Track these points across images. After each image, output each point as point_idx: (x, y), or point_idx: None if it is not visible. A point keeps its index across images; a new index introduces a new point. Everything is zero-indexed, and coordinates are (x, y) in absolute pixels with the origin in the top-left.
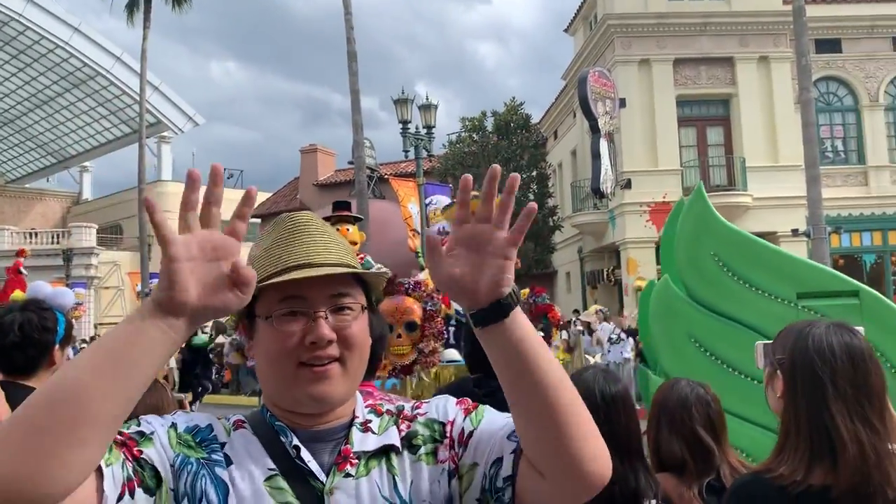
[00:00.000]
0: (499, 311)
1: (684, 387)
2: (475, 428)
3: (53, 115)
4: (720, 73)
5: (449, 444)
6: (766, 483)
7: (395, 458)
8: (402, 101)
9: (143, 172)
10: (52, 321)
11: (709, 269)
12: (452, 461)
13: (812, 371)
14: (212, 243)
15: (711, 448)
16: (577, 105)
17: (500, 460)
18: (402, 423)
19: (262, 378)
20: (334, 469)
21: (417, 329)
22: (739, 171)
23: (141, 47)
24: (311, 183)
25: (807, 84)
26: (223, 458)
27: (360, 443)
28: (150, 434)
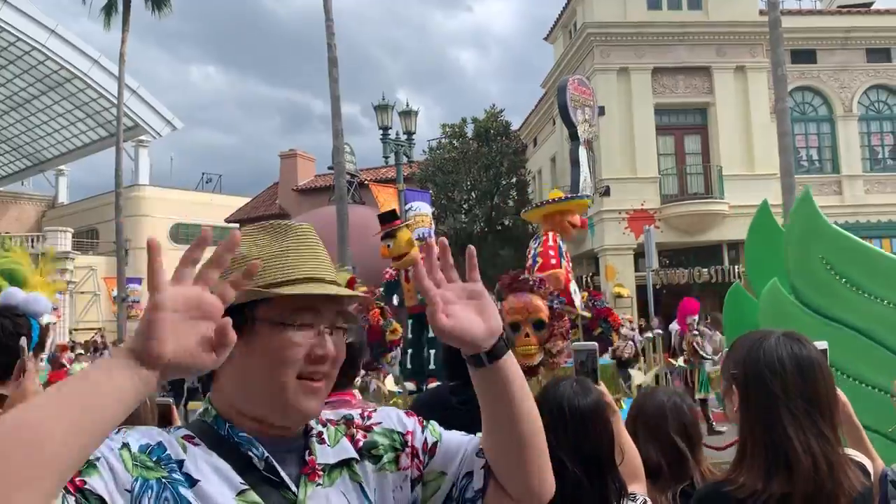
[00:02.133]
0: (503, 346)
1: (662, 395)
2: (438, 439)
3: (29, 118)
4: (698, 83)
5: (411, 452)
6: (726, 495)
7: (356, 466)
8: (382, 107)
9: (120, 177)
10: (25, 328)
11: (818, 273)
12: (417, 469)
13: (763, 385)
14: (199, 301)
15: (686, 454)
16: (556, 112)
17: (471, 474)
18: (358, 432)
19: (245, 383)
20: (304, 479)
21: (545, 328)
22: (716, 179)
23: (119, 50)
24: (290, 188)
25: (782, 94)
26: (184, 479)
27: (321, 454)
28: (95, 460)
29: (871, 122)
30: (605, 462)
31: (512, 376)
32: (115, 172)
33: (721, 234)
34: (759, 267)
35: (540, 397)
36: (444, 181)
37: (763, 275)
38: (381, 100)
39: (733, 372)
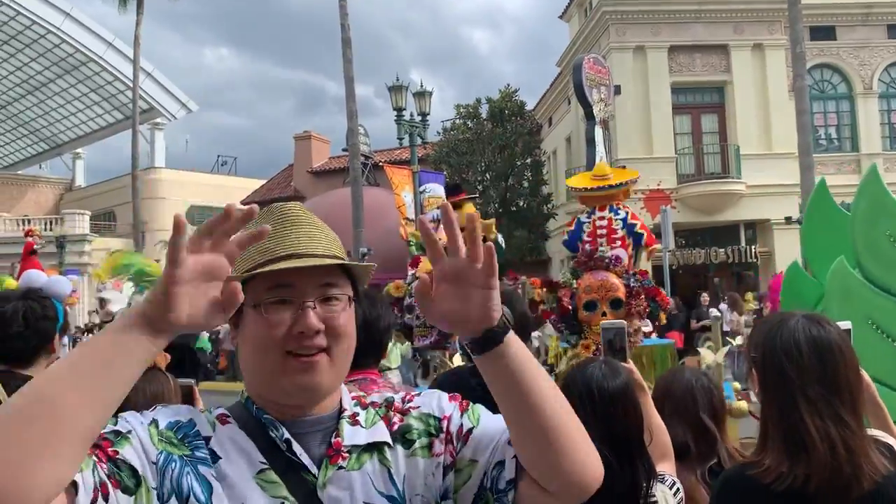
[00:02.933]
0: (491, 338)
1: (689, 375)
2: (474, 426)
3: (46, 101)
4: (715, 61)
5: (446, 438)
6: (752, 478)
7: (387, 451)
8: (396, 88)
9: (136, 159)
10: (52, 310)
11: (885, 250)
12: (450, 455)
13: (781, 370)
14: (209, 265)
15: (714, 433)
16: (571, 92)
17: (503, 463)
18: (395, 415)
19: (247, 367)
20: (326, 462)
21: (622, 307)
22: (733, 158)
23: (134, 33)
24: (305, 170)
25: (801, 71)
26: (208, 455)
27: (350, 436)
28: (127, 433)
29: (892, 99)
30: (635, 444)
31: (518, 361)
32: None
33: (738, 214)
34: (816, 246)
35: (568, 380)
36: (459, 162)
37: (821, 254)
38: (395, 81)
39: (753, 355)
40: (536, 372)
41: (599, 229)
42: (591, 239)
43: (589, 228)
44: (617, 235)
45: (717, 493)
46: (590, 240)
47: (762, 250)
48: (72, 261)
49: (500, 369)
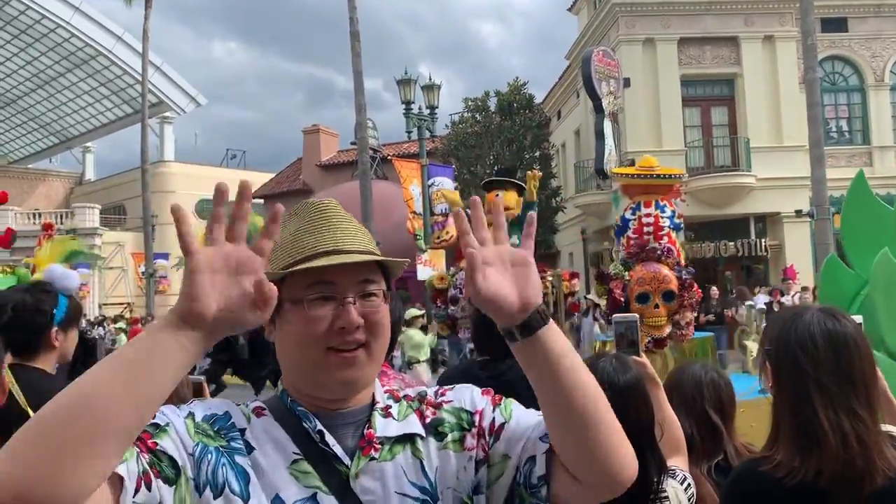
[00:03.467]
0: (534, 323)
1: (699, 369)
2: (507, 421)
3: (55, 96)
4: (725, 53)
5: (478, 432)
6: (764, 473)
7: (420, 443)
8: (405, 81)
9: (145, 153)
10: (47, 303)
11: None
12: (482, 450)
13: (795, 363)
14: (236, 258)
15: (719, 428)
16: (580, 85)
17: (534, 459)
18: (427, 409)
19: (287, 362)
20: (359, 453)
21: (675, 299)
22: (743, 151)
23: (143, 27)
24: (313, 163)
25: (812, 64)
26: (243, 446)
27: (382, 428)
28: (165, 425)
29: None
30: (646, 439)
31: (555, 351)
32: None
33: (748, 207)
34: (855, 238)
35: None
36: (467, 155)
37: (860, 246)
38: (404, 74)
39: (767, 348)
40: (574, 360)
41: (646, 226)
42: (637, 235)
43: (634, 225)
44: (664, 231)
45: (728, 489)
46: (636, 236)
47: (772, 243)
48: None
49: (540, 355)
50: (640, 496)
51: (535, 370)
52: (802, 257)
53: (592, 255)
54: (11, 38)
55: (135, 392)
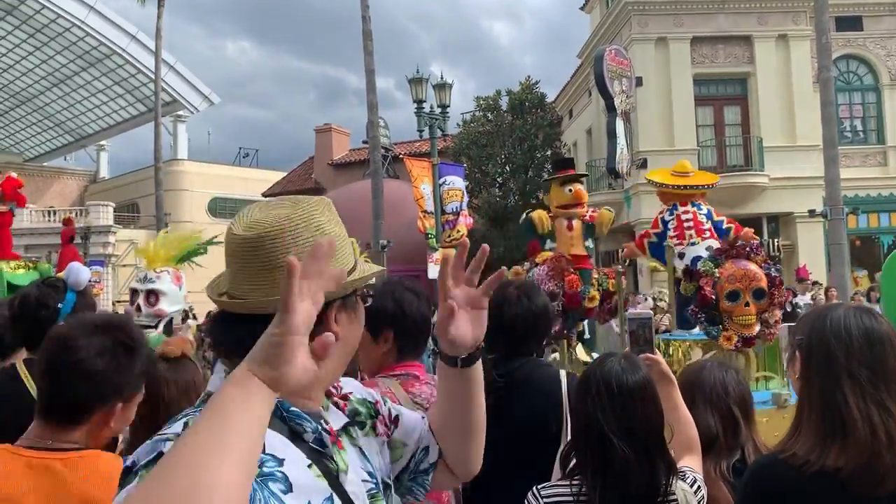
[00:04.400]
0: (478, 355)
1: (717, 367)
2: (399, 413)
3: (70, 94)
4: (738, 52)
5: (382, 420)
6: (784, 465)
7: (353, 431)
8: (416, 80)
9: (159, 151)
10: (52, 298)
11: None
12: (386, 435)
13: (827, 351)
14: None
15: (741, 424)
16: (592, 84)
17: (427, 449)
18: (339, 401)
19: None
20: (335, 447)
21: (765, 297)
22: (756, 151)
23: (156, 26)
24: (325, 162)
25: (826, 63)
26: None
27: (332, 421)
28: None
29: None
30: (654, 440)
31: (476, 378)
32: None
33: (761, 207)
34: None
35: (587, 374)
36: (478, 154)
37: None
38: (416, 73)
39: (799, 338)
40: (482, 380)
41: (686, 223)
42: (677, 233)
43: (674, 224)
44: (705, 227)
45: (746, 480)
46: (676, 233)
47: (785, 244)
48: (96, 252)
49: (468, 380)
50: (648, 498)
51: (459, 391)
52: (815, 258)
53: (604, 255)
54: (27, 38)
55: (245, 474)
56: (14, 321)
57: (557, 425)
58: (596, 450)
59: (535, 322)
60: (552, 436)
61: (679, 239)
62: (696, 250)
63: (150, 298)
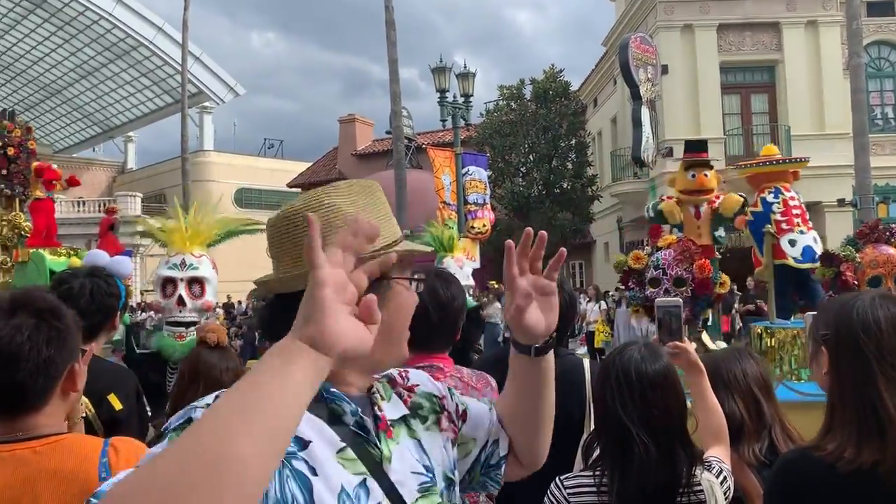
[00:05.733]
0: (551, 343)
1: (731, 351)
2: (466, 407)
3: (98, 86)
4: (766, 39)
5: (447, 416)
6: (815, 460)
7: (413, 423)
8: (439, 69)
9: (185, 142)
10: (116, 288)
11: None
12: (453, 432)
13: (856, 346)
14: (346, 285)
15: (762, 403)
16: (617, 72)
17: (497, 442)
18: (404, 392)
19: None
20: (383, 435)
21: None
22: (784, 139)
23: (182, 17)
24: (349, 153)
25: (857, 49)
26: (297, 444)
27: (387, 409)
28: None
29: None
30: (676, 430)
31: (549, 367)
32: (180, 138)
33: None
34: None
35: (607, 362)
36: (502, 144)
37: None
38: (439, 62)
39: (823, 333)
40: (552, 369)
41: (794, 208)
42: (786, 218)
43: (781, 208)
44: (807, 215)
45: (775, 476)
46: (785, 218)
47: None
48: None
49: (541, 370)
50: (669, 489)
51: (531, 381)
52: None
53: (628, 245)
54: (55, 30)
55: (275, 446)
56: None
57: (580, 414)
58: (615, 439)
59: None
60: (575, 424)
61: (788, 224)
62: (806, 239)
63: (194, 288)
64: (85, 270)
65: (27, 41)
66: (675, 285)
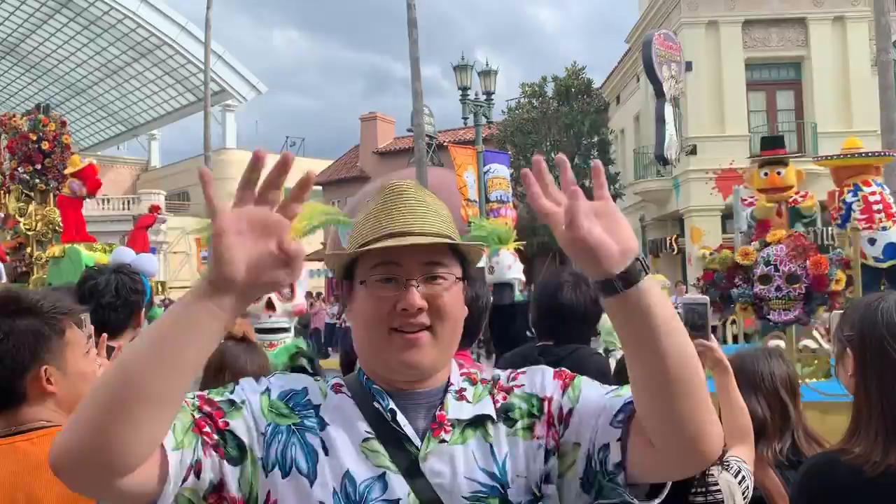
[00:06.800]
0: (639, 268)
1: (758, 351)
2: (574, 406)
3: (122, 85)
4: (792, 35)
5: (547, 421)
6: (841, 464)
7: (490, 427)
8: (461, 67)
9: (208, 140)
10: (141, 284)
11: None
12: (553, 438)
13: (882, 348)
14: (262, 221)
15: (789, 407)
16: (640, 69)
17: (607, 446)
18: (499, 393)
19: (358, 342)
20: (429, 434)
21: None
22: (810, 136)
23: (205, 16)
24: (370, 151)
25: (885, 45)
26: (317, 423)
27: (455, 410)
28: (241, 403)
29: None
30: None
31: (652, 305)
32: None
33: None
34: None
35: (622, 361)
36: (524, 142)
37: None
38: (461, 60)
39: (848, 334)
40: (670, 313)
41: (874, 204)
42: (866, 215)
43: (861, 206)
44: (893, 209)
45: (801, 480)
46: (865, 216)
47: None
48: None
49: (644, 310)
50: (681, 487)
51: (630, 329)
52: None
53: (651, 243)
54: (81, 30)
55: (166, 362)
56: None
57: None
58: None
59: (588, 309)
60: None
61: (868, 223)
62: (888, 236)
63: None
64: (111, 267)
65: (53, 40)
66: (789, 282)
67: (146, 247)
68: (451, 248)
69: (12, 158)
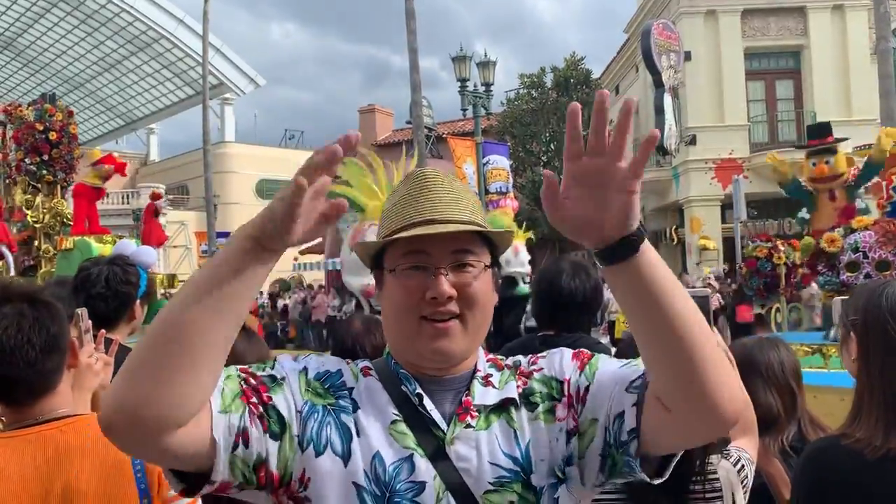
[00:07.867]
0: (628, 246)
1: (765, 341)
2: (591, 383)
3: (121, 78)
4: (791, 24)
5: (567, 402)
6: (843, 448)
7: (514, 412)
8: (460, 58)
9: (207, 133)
10: (135, 276)
11: None
12: (573, 419)
13: (885, 333)
14: (318, 188)
15: (797, 395)
16: (639, 59)
17: (622, 414)
18: (519, 378)
19: (388, 329)
20: (455, 419)
21: None
22: None
23: (203, 9)
24: (369, 143)
25: (885, 33)
26: (350, 404)
27: (480, 395)
28: (282, 380)
29: None
30: None
31: (653, 272)
32: (202, 130)
33: None
34: None
35: (622, 348)
36: (522, 133)
37: None
38: (459, 51)
39: (852, 318)
40: (673, 287)
41: None
42: None
43: None
44: None
45: (803, 464)
46: None
47: None
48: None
49: (631, 281)
50: (682, 476)
51: (632, 296)
52: None
53: (651, 234)
54: (78, 24)
55: (220, 313)
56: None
57: None
58: None
59: (588, 296)
60: None
61: None
62: None
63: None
64: (107, 258)
65: (51, 34)
66: (878, 269)
67: (162, 235)
68: (479, 235)
69: (19, 149)
